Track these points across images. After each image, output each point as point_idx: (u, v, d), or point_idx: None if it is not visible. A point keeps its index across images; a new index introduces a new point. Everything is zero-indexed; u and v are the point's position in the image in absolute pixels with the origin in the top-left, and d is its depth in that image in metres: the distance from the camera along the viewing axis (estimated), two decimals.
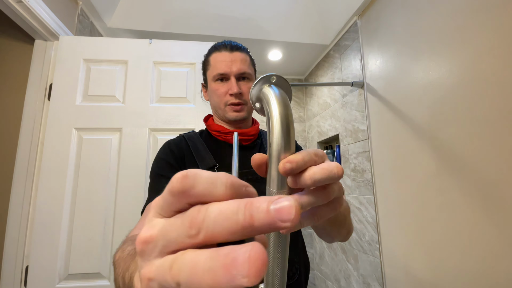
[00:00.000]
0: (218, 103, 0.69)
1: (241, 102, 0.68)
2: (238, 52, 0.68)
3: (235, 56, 0.68)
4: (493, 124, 0.82)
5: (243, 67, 0.68)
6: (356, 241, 1.58)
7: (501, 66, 0.80)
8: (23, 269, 1.08)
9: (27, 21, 1.09)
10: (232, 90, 0.66)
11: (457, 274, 0.94)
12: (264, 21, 1.81)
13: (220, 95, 0.68)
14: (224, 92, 0.67)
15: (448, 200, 0.97)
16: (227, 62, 0.67)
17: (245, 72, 0.68)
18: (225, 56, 0.67)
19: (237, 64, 0.67)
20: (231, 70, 0.67)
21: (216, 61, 0.68)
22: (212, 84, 0.69)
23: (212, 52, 0.70)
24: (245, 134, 0.70)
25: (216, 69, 0.67)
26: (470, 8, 0.90)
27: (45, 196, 1.11)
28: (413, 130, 1.15)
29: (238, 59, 0.68)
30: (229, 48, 0.68)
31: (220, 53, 0.68)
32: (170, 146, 0.68)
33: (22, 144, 1.16)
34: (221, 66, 0.67)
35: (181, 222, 0.15)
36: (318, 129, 2.22)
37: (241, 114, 0.69)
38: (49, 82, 1.22)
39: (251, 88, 0.27)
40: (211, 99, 0.72)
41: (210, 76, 0.69)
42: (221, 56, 0.68)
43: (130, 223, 1.13)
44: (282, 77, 0.26)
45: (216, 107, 0.71)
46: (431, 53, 1.06)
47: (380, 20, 1.38)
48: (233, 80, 0.67)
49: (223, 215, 0.14)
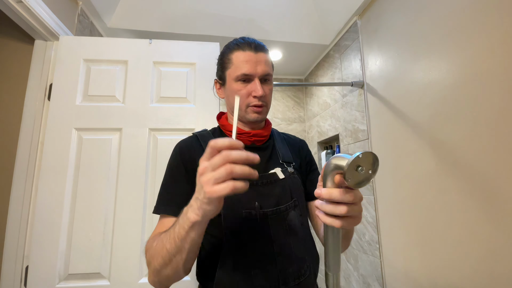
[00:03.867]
0: (240, 104, 0.67)
1: (263, 104, 0.67)
2: (262, 53, 0.67)
3: (260, 57, 0.66)
4: (493, 124, 0.82)
5: (267, 69, 0.66)
6: (356, 241, 1.58)
7: (501, 66, 0.80)
8: (23, 269, 1.08)
9: (27, 21, 1.09)
10: (257, 92, 0.64)
11: (457, 274, 0.94)
12: (264, 21, 1.81)
13: (243, 96, 0.66)
14: (246, 93, 0.66)
15: (448, 200, 0.97)
16: (252, 63, 0.65)
17: (269, 74, 0.67)
18: (250, 56, 0.65)
19: (262, 65, 0.65)
20: (256, 72, 0.65)
21: (240, 61, 0.65)
22: (233, 84, 0.67)
23: (234, 49, 0.67)
24: (259, 135, 0.70)
25: (239, 69, 0.65)
26: (470, 8, 0.90)
27: (45, 196, 1.11)
28: (413, 130, 1.15)
29: (262, 60, 0.66)
30: (253, 48, 0.66)
31: (244, 52, 0.65)
32: (181, 149, 0.68)
33: (22, 144, 1.16)
34: (246, 67, 0.64)
35: (218, 157, 0.39)
36: (318, 129, 2.22)
37: (261, 116, 0.68)
38: (49, 82, 1.22)
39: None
40: (229, 98, 0.69)
41: (232, 75, 0.66)
42: (245, 55, 0.65)
43: (130, 223, 1.13)
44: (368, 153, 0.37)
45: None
46: (431, 53, 1.06)
47: (380, 20, 1.39)
48: (258, 82, 0.65)
49: (235, 153, 0.39)
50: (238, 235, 0.61)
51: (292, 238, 0.64)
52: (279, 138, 0.78)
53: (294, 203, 0.67)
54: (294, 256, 0.63)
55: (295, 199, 0.68)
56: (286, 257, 0.62)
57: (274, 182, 0.66)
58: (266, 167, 0.69)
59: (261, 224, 0.62)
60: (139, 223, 1.14)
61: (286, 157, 0.73)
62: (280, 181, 0.67)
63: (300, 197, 0.70)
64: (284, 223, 0.64)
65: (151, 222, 1.15)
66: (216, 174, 0.38)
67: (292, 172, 0.70)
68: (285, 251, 0.62)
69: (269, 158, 0.71)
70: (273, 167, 0.69)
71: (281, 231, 0.63)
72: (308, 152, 0.81)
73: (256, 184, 0.65)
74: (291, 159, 0.73)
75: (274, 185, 0.66)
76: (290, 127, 2.51)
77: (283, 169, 0.69)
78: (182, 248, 0.48)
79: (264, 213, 0.62)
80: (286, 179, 0.68)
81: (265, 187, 0.65)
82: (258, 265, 0.60)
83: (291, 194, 0.67)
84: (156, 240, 0.53)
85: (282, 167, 0.70)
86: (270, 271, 0.60)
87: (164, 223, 0.61)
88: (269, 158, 0.71)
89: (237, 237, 0.61)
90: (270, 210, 0.63)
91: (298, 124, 2.53)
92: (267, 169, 0.68)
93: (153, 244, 0.53)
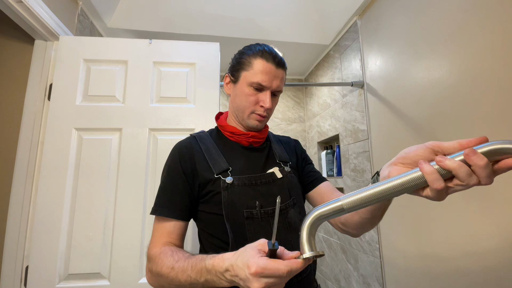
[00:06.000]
0: (245, 108, 0.70)
1: (266, 115, 0.71)
2: (281, 70, 0.70)
3: (279, 73, 0.69)
4: (493, 124, 0.82)
5: (281, 85, 0.70)
6: (356, 241, 1.58)
7: (501, 66, 0.80)
8: (23, 269, 1.08)
9: (27, 21, 1.09)
10: (265, 104, 0.67)
11: (458, 274, 0.94)
12: (264, 21, 1.81)
13: (251, 102, 0.69)
14: (255, 101, 0.68)
15: (448, 200, 0.97)
16: (271, 76, 0.67)
17: (280, 91, 0.71)
18: (271, 69, 0.67)
19: (278, 81, 0.69)
20: (271, 85, 0.68)
21: (260, 69, 0.67)
22: (245, 88, 0.69)
23: (258, 55, 0.68)
24: (257, 137, 0.73)
25: (257, 77, 0.67)
26: (470, 8, 0.90)
27: (45, 196, 1.11)
28: (413, 130, 1.15)
29: (280, 76, 0.69)
30: (276, 62, 0.68)
31: (267, 63, 0.67)
32: (180, 152, 0.69)
33: (22, 144, 1.16)
34: (263, 77, 0.67)
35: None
36: (318, 129, 2.22)
37: (261, 125, 0.72)
38: (49, 82, 1.22)
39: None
40: (237, 98, 0.71)
41: (247, 79, 0.68)
42: (267, 66, 0.67)
43: (130, 223, 1.13)
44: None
45: (239, 109, 0.71)
46: (431, 53, 1.06)
47: (380, 20, 1.39)
48: (269, 95, 0.68)
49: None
50: (240, 235, 0.62)
51: (292, 236, 0.66)
52: (275, 140, 0.81)
53: (293, 201, 0.69)
54: None
55: (293, 197, 0.70)
56: None
57: (273, 182, 0.68)
58: (264, 167, 0.71)
59: (262, 223, 0.63)
60: (139, 223, 1.14)
61: (283, 156, 0.76)
62: (278, 180, 0.69)
63: (298, 195, 0.72)
64: (284, 221, 0.66)
65: (151, 222, 1.13)
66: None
67: (289, 171, 0.73)
68: (286, 248, 0.63)
69: (266, 158, 0.73)
70: (271, 167, 0.71)
71: (282, 229, 0.65)
72: (302, 150, 0.84)
73: (256, 183, 0.66)
74: (287, 159, 0.76)
75: (273, 184, 0.68)
76: (290, 127, 2.51)
77: (280, 169, 0.72)
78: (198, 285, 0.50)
79: (265, 212, 0.64)
80: (284, 178, 0.70)
81: (264, 187, 0.67)
82: None
83: (290, 193, 0.69)
84: (165, 265, 0.54)
85: (279, 167, 0.72)
86: None
87: (164, 226, 0.63)
88: (266, 158, 0.73)
89: (239, 236, 0.62)
90: (271, 208, 0.65)
91: (298, 124, 2.53)
92: (265, 169, 0.71)
93: (163, 269, 0.54)
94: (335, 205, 0.41)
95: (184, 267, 0.51)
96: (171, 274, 0.52)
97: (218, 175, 0.65)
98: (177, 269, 0.52)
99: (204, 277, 0.48)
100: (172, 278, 0.52)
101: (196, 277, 0.49)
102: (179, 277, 0.51)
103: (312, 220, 0.41)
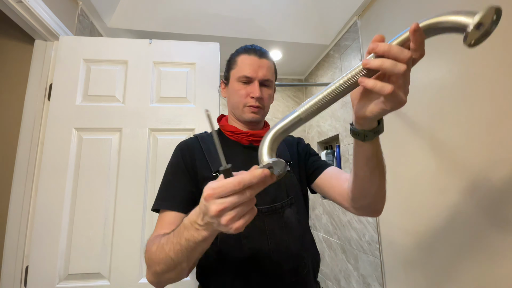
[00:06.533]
0: (238, 103, 0.72)
1: (260, 106, 0.71)
2: (265, 59, 0.72)
3: (263, 63, 0.71)
4: (493, 124, 0.82)
5: (268, 74, 0.71)
6: (356, 241, 1.58)
7: (501, 66, 0.80)
8: (23, 269, 1.08)
9: (27, 21, 1.09)
10: (254, 93, 0.69)
11: (458, 274, 0.94)
12: (264, 21, 1.81)
13: (241, 96, 0.71)
14: (245, 93, 0.70)
15: (448, 200, 0.97)
16: (255, 66, 0.70)
17: (268, 80, 0.72)
18: (254, 60, 0.70)
19: (263, 70, 0.70)
20: (256, 75, 0.70)
21: (244, 63, 0.70)
22: (234, 84, 0.72)
23: (241, 53, 0.73)
24: (257, 135, 0.73)
25: (242, 71, 0.70)
26: (470, 8, 0.90)
27: (45, 196, 1.11)
28: (413, 130, 1.15)
29: (265, 65, 0.71)
30: (258, 53, 0.71)
31: (249, 56, 0.71)
32: (182, 149, 0.71)
33: (22, 144, 1.16)
34: (248, 69, 0.69)
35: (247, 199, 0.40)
36: (318, 129, 2.22)
37: (257, 116, 0.72)
38: (49, 82, 1.22)
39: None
40: (230, 97, 0.75)
41: (235, 76, 0.72)
42: (249, 59, 0.70)
43: (130, 223, 1.13)
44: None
45: (234, 106, 0.73)
46: (431, 53, 1.06)
47: (380, 20, 1.39)
48: (257, 84, 0.70)
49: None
50: None
51: (288, 235, 0.66)
52: None
53: (290, 201, 0.69)
54: (290, 253, 0.64)
55: (291, 197, 0.70)
56: (281, 253, 0.63)
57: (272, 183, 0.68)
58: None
59: (256, 221, 0.63)
60: (139, 223, 1.14)
61: (283, 155, 0.76)
62: None
63: (297, 195, 0.72)
64: (280, 220, 0.66)
65: (151, 222, 1.15)
66: (241, 212, 0.39)
67: (288, 170, 0.71)
68: (280, 248, 0.64)
69: None
70: None
71: (277, 228, 0.65)
72: (305, 145, 0.84)
73: None
74: (288, 158, 0.76)
75: (271, 184, 0.67)
76: None
77: None
78: (190, 257, 0.47)
79: (259, 210, 0.64)
80: None
81: None
82: (254, 262, 0.62)
83: (287, 192, 0.69)
84: (155, 244, 0.52)
85: None
86: (266, 267, 0.62)
87: (164, 218, 0.62)
88: None
89: (233, 234, 0.61)
90: (266, 207, 0.65)
91: None
92: None
93: (153, 249, 0.52)
94: (292, 116, 0.41)
95: (168, 237, 0.49)
96: (157, 251, 0.50)
97: (215, 173, 0.65)
98: (163, 242, 0.50)
99: (184, 236, 0.44)
100: (159, 254, 0.49)
101: (179, 240, 0.45)
102: (165, 249, 0.48)
103: (274, 135, 0.41)
